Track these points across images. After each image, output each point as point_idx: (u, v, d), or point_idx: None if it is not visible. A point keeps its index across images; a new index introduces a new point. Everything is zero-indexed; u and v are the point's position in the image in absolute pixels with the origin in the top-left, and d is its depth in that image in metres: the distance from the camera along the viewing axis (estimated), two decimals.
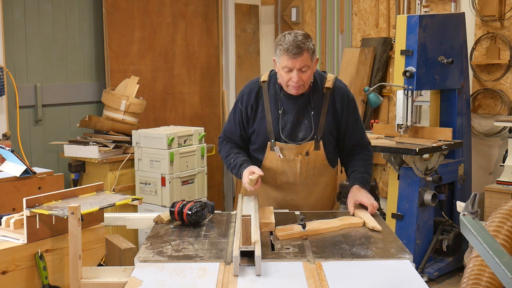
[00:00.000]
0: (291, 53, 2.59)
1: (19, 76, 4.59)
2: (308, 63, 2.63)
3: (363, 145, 2.90)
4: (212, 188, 5.84)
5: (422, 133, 4.66)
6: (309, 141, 2.79)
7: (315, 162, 2.81)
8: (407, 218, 4.45)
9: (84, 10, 5.00)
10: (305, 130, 2.79)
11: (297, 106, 2.78)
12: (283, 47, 2.61)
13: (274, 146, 2.79)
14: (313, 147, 2.79)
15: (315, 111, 2.78)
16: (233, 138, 2.94)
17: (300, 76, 2.64)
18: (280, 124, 2.79)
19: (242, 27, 6.24)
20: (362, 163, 2.84)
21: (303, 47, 2.60)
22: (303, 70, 2.64)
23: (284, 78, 2.68)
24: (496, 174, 5.05)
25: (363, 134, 2.92)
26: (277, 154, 2.79)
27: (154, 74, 5.42)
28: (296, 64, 2.61)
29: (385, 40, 5.56)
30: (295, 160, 2.79)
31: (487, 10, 4.99)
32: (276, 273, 2.04)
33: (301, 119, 2.79)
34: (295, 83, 2.66)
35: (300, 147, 2.79)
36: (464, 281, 2.32)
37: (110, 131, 4.69)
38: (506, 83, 5.02)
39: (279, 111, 2.79)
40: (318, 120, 2.78)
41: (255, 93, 2.85)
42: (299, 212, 2.77)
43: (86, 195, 2.56)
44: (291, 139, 2.79)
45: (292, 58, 2.60)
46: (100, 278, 2.28)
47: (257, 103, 2.84)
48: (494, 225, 2.36)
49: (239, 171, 2.79)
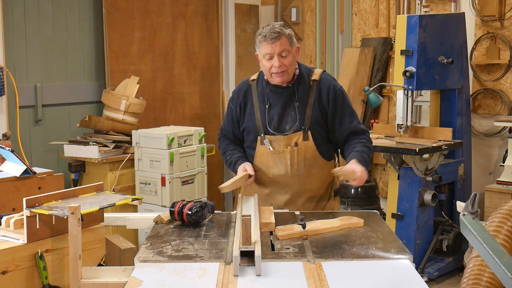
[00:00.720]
0: (268, 38, 2.70)
1: (19, 76, 4.59)
2: (287, 47, 2.71)
3: (359, 131, 2.88)
4: (212, 188, 5.83)
5: (422, 133, 4.66)
6: (296, 131, 2.83)
7: (305, 153, 2.84)
8: (407, 218, 4.45)
9: (84, 10, 5.00)
10: (292, 121, 2.83)
11: (282, 98, 2.84)
12: (262, 35, 2.73)
13: (264, 139, 2.85)
14: (301, 138, 2.82)
15: (300, 102, 2.83)
16: (228, 136, 3.05)
17: (281, 62, 2.71)
18: (267, 117, 2.86)
19: (242, 27, 6.24)
20: (360, 145, 2.81)
21: (280, 32, 2.70)
22: (283, 55, 2.71)
23: (267, 66, 2.75)
24: (496, 174, 5.05)
25: (357, 122, 2.90)
26: (267, 147, 2.84)
27: (154, 74, 5.42)
28: (276, 49, 2.69)
29: (385, 40, 5.56)
30: (284, 152, 2.83)
31: (487, 10, 4.99)
32: (276, 273, 2.04)
33: (287, 110, 2.84)
34: (277, 69, 2.72)
35: (288, 138, 2.83)
36: (464, 281, 2.32)
37: (110, 131, 4.69)
38: (506, 83, 5.02)
39: (266, 105, 2.87)
40: (304, 111, 2.82)
41: (243, 92, 2.95)
42: (299, 212, 2.77)
43: (86, 195, 2.56)
44: (278, 131, 2.85)
45: (271, 43, 2.70)
46: (100, 278, 2.28)
47: (245, 101, 2.93)
48: (494, 225, 2.36)
49: (235, 167, 2.92)
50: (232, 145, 3.02)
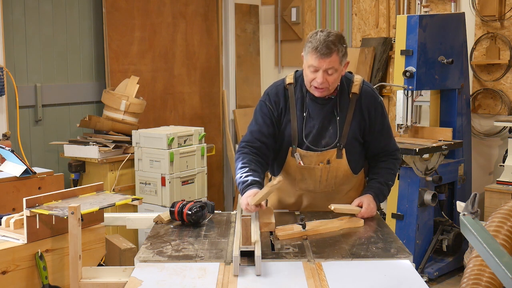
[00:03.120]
0: (319, 52, 2.47)
1: (19, 76, 4.59)
2: (336, 65, 2.50)
3: (390, 151, 2.73)
4: (212, 188, 5.84)
5: (422, 133, 4.66)
6: (331, 148, 2.65)
7: (337, 171, 2.68)
8: (407, 218, 4.45)
9: (84, 10, 5.00)
10: (329, 137, 2.66)
11: (323, 111, 2.65)
12: (312, 45, 2.49)
13: (295, 152, 2.67)
14: (335, 155, 2.65)
15: (340, 118, 2.64)
16: (262, 140, 2.68)
17: (325, 78, 2.51)
18: (304, 130, 2.66)
19: (242, 27, 6.24)
20: (384, 172, 2.68)
21: (332, 48, 2.47)
22: (329, 73, 2.51)
23: (309, 77, 2.55)
24: (496, 174, 5.05)
25: (390, 140, 2.74)
26: (297, 161, 2.67)
27: (154, 74, 5.42)
28: (323, 65, 2.49)
29: (385, 40, 5.56)
30: (315, 169, 2.67)
31: (487, 10, 4.99)
32: (276, 273, 2.04)
33: (326, 125, 2.66)
34: (318, 84, 2.53)
35: (321, 155, 2.66)
36: (464, 281, 2.33)
37: (110, 131, 4.69)
38: (506, 83, 5.02)
39: (303, 115, 2.66)
40: (342, 127, 2.64)
41: (282, 95, 2.70)
42: (299, 212, 2.76)
43: (86, 195, 2.56)
44: (315, 145, 2.66)
45: (320, 58, 2.48)
46: (100, 278, 2.28)
47: (284, 105, 2.69)
48: (494, 225, 2.36)
49: (246, 189, 2.51)
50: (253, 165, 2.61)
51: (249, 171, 2.58)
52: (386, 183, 2.68)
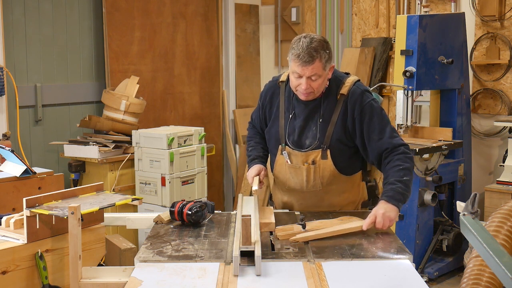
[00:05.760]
0: (301, 60, 2.49)
1: (19, 76, 4.59)
2: (319, 72, 2.51)
3: (393, 148, 2.61)
4: (212, 188, 5.84)
5: (422, 133, 4.66)
6: (315, 149, 2.66)
7: (323, 171, 2.67)
8: (407, 218, 4.45)
9: (84, 10, 5.00)
10: (311, 137, 2.67)
11: (307, 111, 2.67)
12: (295, 52, 2.51)
13: (283, 150, 2.71)
14: (319, 156, 2.65)
15: (323, 118, 2.65)
16: (256, 126, 2.94)
17: (309, 84, 2.54)
18: (288, 128, 2.71)
19: (242, 27, 6.24)
20: (391, 172, 2.57)
21: (315, 56, 2.48)
22: (313, 79, 2.53)
23: (294, 83, 2.59)
24: (496, 174, 5.05)
25: (390, 137, 2.62)
26: (285, 159, 2.71)
27: (154, 74, 5.42)
28: (306, 72, 2.51)
29: (385, 40, 5.56)
30: (301, 168, 2.68)
31: (487, 10, 4.99)
32: (276, 273, 2.04)
33: (309, 125, 2.68)
34: (303, 90, 2.56)
35: (305, 155, 2.67)
36: (464, 281, 2.33)
37: (110, 131, 4.69)
38: (506, 83, 5.02)
39: (290, 114, 2.71)
40: (325, 128, 2.64)
41: (271, 92, 2.79)
42: (299, 212, 2.77)
43: (86, 195, 2.56)
44: (297, 145, 2.69)
45: (302, 66, 2.50)
46: (100, 278, 2.28)
47: (271, 102, 2.78)
48: (494, 225, 2.36)
49: (249, 165, 2.83)
50: (257, 137, 2.92)
51: (254, 144, 2.91)
52: (399, 180, 2.56)
